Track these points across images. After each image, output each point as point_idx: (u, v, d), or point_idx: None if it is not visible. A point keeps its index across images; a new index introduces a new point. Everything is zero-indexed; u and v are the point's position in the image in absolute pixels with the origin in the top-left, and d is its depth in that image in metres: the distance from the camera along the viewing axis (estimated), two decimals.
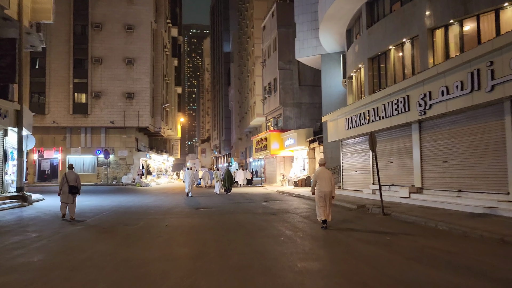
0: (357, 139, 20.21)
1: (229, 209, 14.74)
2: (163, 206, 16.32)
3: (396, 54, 17.45)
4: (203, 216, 12.67)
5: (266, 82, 38.90)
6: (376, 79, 19.22)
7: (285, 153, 33.86)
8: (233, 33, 78.29)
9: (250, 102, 59.16)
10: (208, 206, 16.34)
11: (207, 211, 14.35)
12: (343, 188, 22.16)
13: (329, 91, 27.37)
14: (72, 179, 11.78)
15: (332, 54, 27.49)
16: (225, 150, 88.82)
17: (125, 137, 41.63)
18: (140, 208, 15.50)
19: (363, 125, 18.23)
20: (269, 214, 12.78)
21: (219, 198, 20.98)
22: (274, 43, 36.21)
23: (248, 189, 30.67)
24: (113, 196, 23.22)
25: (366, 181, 19.29)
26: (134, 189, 31.78)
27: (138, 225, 10.70)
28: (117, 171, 41.39)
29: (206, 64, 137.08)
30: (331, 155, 26.88)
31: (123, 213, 13.89)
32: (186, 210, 14.64)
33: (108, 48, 40.91)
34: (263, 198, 20.72)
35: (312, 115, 34.56)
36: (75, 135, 41.00)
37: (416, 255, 6.60)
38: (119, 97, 40.88)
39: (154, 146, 52.69)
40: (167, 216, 12.78)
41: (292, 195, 22.27)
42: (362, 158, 19.78)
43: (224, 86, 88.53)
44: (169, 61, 53.21)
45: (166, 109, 48.73)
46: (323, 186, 9.70)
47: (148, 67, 41.67)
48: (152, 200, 19.68)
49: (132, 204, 17.61)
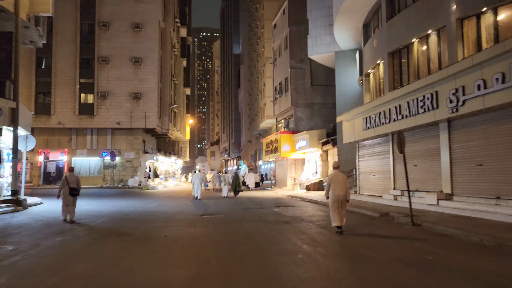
0: (375, 140, 18.74)
1: (237, 216, 13.39)
2: (166, 212, 15.04)
3: (420, 47, 15.98)
4: (208, 224, 11.34)
5: (277, 82, 37.55)
6: (396, 75, 17.75)
7: (296, 155, 32.43)
8: (243, 35, 77.26)
9: (260, 104, 57.95)
10: (215, 212, 15.01)
11: (212, 218, 13.02)
12: (359, 193, 20.68)
13: (343, 90, 25.92)
14: (72, 181, 11.88)
15: (346, 52, 26.05)
16: (234, 153, 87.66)
17: (132, 138, 40.60)
18: (140, 214, 14.24)
19: (383, 125, 16.76)
20: (282, 223, 11.40)
21: (227, 202, 19.67)
22: (285, 41, 34.86)
23: (258, 193, 29.31)
24: (116, 200, 22.05)
25: (385, 186, 17.80)
26: (140, 193, 30.66)
27: (133, 235, 9.41)
28: (124, 174, 40.34)
29: (216, 66, 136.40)
30: (345, 157, 25.42)
31: (121, 220, 12.63)
32: (190, 217, 13.33)
33: (115, 48, 39.96)
34: (274, 203, 19.34)
35: (324, 116, 33.09)
36: (81, 136, 40.07)
37: (478, 285, 5.16)
38: (126, 97, 39.86)
39: (162, 148, 51.65)
40: (168, 224, 11.48)
41: (305, 200, 20.85)
42: (381, 161, 18.30)
43: (233, 88, 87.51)
44: (178, 61, 52.19)
45: (174, 110, 47.64)
46: (337, 190, 9.40)
47: (155, 67, 40.63)
48: (156, 205, 18.43)
49: (134, 209, 16.37)
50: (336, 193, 9.39)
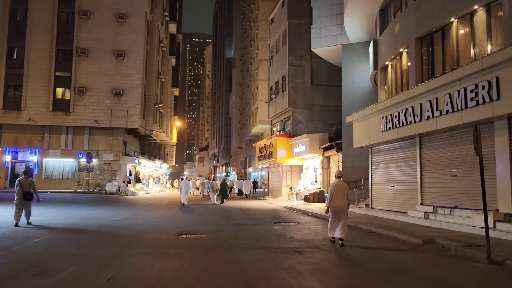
0: (396, 144, 15.48)
1: (227, 238, 9.93)
2: (133, 228, 11.51)
3: (460, 28, 12.83)
4: (184, 253, 7.85)
5: (273, 81, 34.28)
6: (425, 65, 14.56)
7: (293, 162, 29.07)
8: (236, 38, 74.69)
9: (252, 108, 54.92)
10: (198, 229, 11.51)
11: (193, 240, 9.54)
12: (372, 207, 17.37)
13: (351, 89, 22.73)
14: (27, 186, 11.51)
15: (355, 45, 22.91)
16: (223, 159, 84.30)
17: (112, 139, 36.82)
18: (98, 231, 10.69)
19: (410, 125, 13.50)
20: (292, 252, 7.97)
21: (214, 214, 16.18)
22: (283, 36, 31.68)
23: (249, 202, 25.83)
24: (81, 208, 18.38)
25: (409, 200, 14.52)
26: (117, 199, 27.00)
27: (60, 274, 5.89)
28: (101, 178, 36.48)
29: (207, 71, 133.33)
30: (352, 165, 22.16)
31: (65, 240, 9.10)
32: (162, 238, 9.83)
33: (96, 39, 36.31)
34: (271, 217, 15.90)
35: (325, 119, 29.86)
36: (54, 135, 36.16)
37: None
38: (106, 93, 36.16)
39: (146, 151, 47.91)
40: (127, 250, 7.98)
41: (308, 214, 17.43)
42: (403, 169, 15.02)
43: (225, 93, 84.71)
44: (166, 59, 48.69)
45: (160, 110, 44.01)
46: (338, 201, 9.00)
47: (140, 62, 37.06)
48: (127, 216, 14.86)
49: (94, 222, 12.79)
50: (337, 204, 8.96)
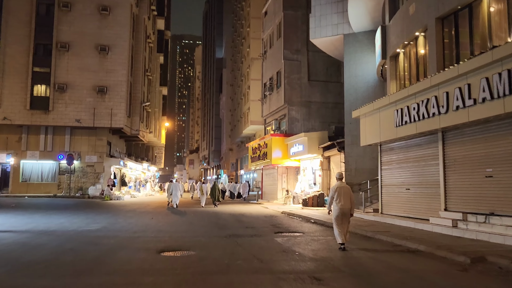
0: (413, 140, 13.56)
1: (221, 256, 7.86)
2: (105, 242, 9.38)
3: (493, 3, 10.98)
4: (164, 283, 5.77)
5: (267, 78, 32.28)
6: (448, 49, 12.67)
7: (289, 163, 27.06)
8: (226, 38, 72.98)
9: (243, 109, 53.03)
10: (184, 243, 9.42)
11: (177, 260, 7.45)
12: (382, 213, 15.44)
13: (353, 82, 20.83)
14: None
15: (358, 35, 21.04)
16: (214, 161, 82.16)
17: (95, 139, 34.46)
18: (57, 248, 8.54)
19: (433, 117, 11.57)
20: (309, 280, 5.93)
21: (204, 221, 14.11)
22: (278, 29, 29.72)
23: (243, 207, 23.75)
24: (54, 215, 16.15)
25: (429, 205, 12.60)
26: (99, 204, 24.76)
27: None
28: (83, 181, 34.09)
29: (197, 72, 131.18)
30: (355, 166, 20.25)
31: (3, 264, 6.95)
32: (138, 256, 7.72)
33: (78, 33, 33.97)
34: (269, 225, 13.87)
35: (323, 117, 27.94)
36: (33, 135, 33.69)
37: None
38: (89, 91, 33.82)
39: (133, 153, 45.53)
40: (84, 278, 5.87)
41: (310, 220, 15.41)
42: (422, 169, 13.10)
43: (215, 94, 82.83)
44: (153, 55, 46.45)
45: (147, 109, 41.73)
46: (342, 202, 8.73)
47: (125, 57, 34.81)
48: (102, 225, 12.71)
49: (60, 234, 10.63)
50: (341, 206, 8.77)
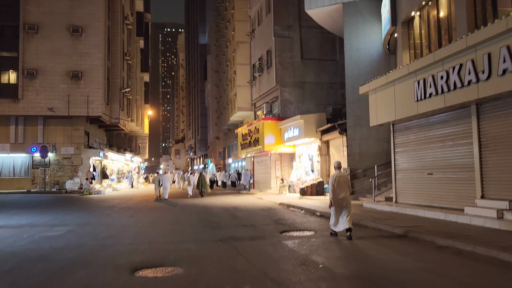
0: (436, 117, 11.52)
1: (217, 275, 5.67)
2: (62, 256, 7.10)
3: None
4: None
5: (255, 58, 29.93)
6: (479, 5, 10.57)
7: (284, 149, 24.94)
8: (210, 24, 70.33)
9: (230, 95, 50.68)
10: (168, 254, 7.18)
11: (157, 287, 5.26)
12: (397, 201, 13.48)
13: (355, 56, 18.67)
14: None
15: (359, 4, 18.83)
16: (201, 150, 79.81)
17: (71, 129, 31.75)
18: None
19: (468, 86, 9.50)
20: None
21: (194, 219, 11.88)
22: (267, 4, 27.30)
23: (235, 198, 21.61)
24: (16, 215, 13.76)
25: (460, 192, 10.63)
26: (76, 199, 22.42)
27: None
28: (60, 175, 31.46)
29: (180, 60, 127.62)
30: (359, 149, 18.22)
31: None
32: (102, 280, 5.49)
33: (48, 13, 30.97)
34: (270, 220, 11.75)
35: (319, 99, 25.82)
36: (2, 126, 30.79)
37: None
38: (62, 77, 30.97)
39: (115, 143, 42.87)
40: None
41: (316, 213, 13.30)
42: (450, 150, 11.09)
43: (200, 81, 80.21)
44: (133, 39, 43.49)
45: (128, 96, 38.98)
46: (341, 193, 8.49)
47: (101, 39, 31.97)
48: (69, 229, 10.39)
49: (9, 243, 8.31)
50: (340, 196, 8.44)
